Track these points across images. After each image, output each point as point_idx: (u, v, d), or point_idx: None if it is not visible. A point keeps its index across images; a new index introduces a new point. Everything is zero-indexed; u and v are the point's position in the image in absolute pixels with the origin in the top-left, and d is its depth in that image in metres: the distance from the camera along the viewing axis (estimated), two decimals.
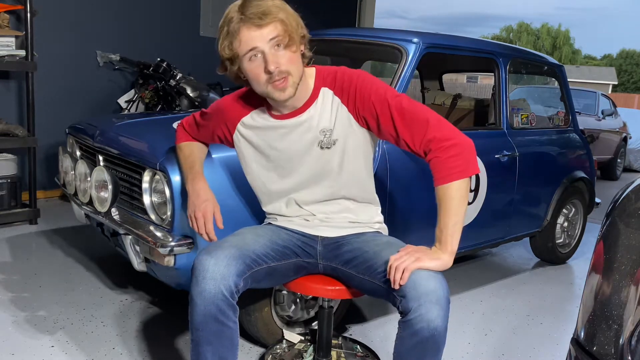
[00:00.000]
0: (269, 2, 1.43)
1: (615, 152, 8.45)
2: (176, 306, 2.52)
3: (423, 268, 1.38)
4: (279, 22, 1.41)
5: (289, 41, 1.43)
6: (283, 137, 1.58)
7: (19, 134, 3.51)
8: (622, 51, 49.37)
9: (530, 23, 50.74)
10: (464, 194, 1.43)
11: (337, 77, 1.54)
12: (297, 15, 1.49)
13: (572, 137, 3.51)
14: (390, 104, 1.47)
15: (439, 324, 1.32)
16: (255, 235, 1.60)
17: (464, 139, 1.45)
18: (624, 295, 1.11)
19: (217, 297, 1.40)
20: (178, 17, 4.87)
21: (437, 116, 1.48)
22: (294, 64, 1.46)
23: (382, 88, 1.51)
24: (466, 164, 1.43)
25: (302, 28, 1.49)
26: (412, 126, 1.46)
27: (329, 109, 1.54)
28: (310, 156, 1.57)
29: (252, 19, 1.40)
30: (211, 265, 1.42)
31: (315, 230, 1.67)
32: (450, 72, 4.11)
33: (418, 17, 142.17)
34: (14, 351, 2.04)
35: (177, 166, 1.84)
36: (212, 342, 1.44)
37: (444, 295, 1.35)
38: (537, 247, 3.53)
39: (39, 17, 3.92)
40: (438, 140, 1.44)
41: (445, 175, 1.42)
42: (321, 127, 1.54)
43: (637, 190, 1.26)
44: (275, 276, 1.61)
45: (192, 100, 4.09)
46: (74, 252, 3.11)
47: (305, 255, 1.67)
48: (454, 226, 1.42)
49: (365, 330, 2.43)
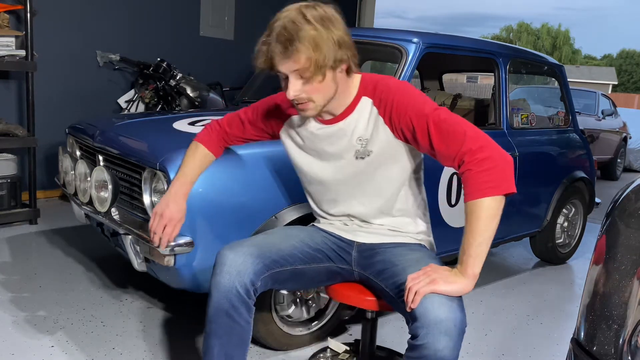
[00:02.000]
0: (305, 28, 1.33)
1: (615, 152, 8.46)
2: (176, 306, 2.52)
3: (437, 292, 1.29)
4: (303, 55, 1.34)
5: (314, 73, 1.36)
6: (321, 141, 1.56)
7: (19, 134, 3.51)
8: (622, 51, 49.37)
9: (530, 23, 50.72)
10: (493, 213, 1.31)
11: (378, 87, 1.50)
12: (338, 38, 1.36)
13: (572, 137, 3.51)
14: (428, 117, 1.41)
15: (446, 355, 1.24)
16: (283, 236, 1.60)
17: (501, 154, 1.34)
18: (624, 295, 1.11)
19: (230, 292, 1.41)
20: (178, 17, 4.87)
21: (475, 129, 1.39)
22: (318, 93, 1.41)
23: (421, 101, 1.45)
24: (500, 180, 1.32)
25: (341, 51, 1.38)
26: (449, 139, 1.38)
27: (366, 118, 1.50)
28: (345, 163, 1.55)
29: (279, 45, 1.34)
30: (229, 260, 1.44)
31: (353, 235, 1.65)
32: (450, 72, 4.11)
33: (417, 17, 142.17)
34: (14, 351, 2.04)
35: (178, 165, 1.84)
36: (221, 336, 1.44)
37: (455, 325, 1.26)
38: (537, 247, 3.53)
39: (39, 17, 3.93)
40: (472, 153, 1.34)
41: (475, 190, 1.32)
42: (357, 135, 1.51)
43: (637, 190, 1.26)
44: (303, 279, 1.60)
45: (192, 100, 4.09)
46: (74, 252, 3.11)
47: (340, 261, 1.65)
48: (478, 247, 1.31)
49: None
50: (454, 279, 1.32)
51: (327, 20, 1.36)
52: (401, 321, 2.52)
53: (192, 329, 2.31)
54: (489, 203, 1.31)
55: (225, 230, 1.91)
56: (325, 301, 2.26)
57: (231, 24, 5.26)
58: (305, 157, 1.62)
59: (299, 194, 2.07)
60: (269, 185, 2.00)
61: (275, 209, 2.01)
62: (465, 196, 1.35)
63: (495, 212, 1.32)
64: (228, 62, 5.29)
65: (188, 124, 2.34)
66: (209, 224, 1.87)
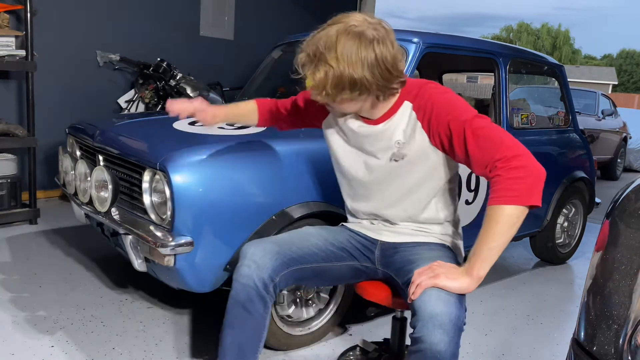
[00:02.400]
0: (337, 50, 1.34)
1: (615, 152, 8.46)
2: (176, 306, 2.52)
3: (438, 286, 1.32)
4: (318, 75, 1.36)
5: (329, 96, 1.39)
6: (361, 139, 1.58)
7: (19, 134, 3.51)
8: (622, 51, 49.38)
9: (530, 23, 50.72)
10: (513, 223, 1.30)
11: (419, 92, 1.49)
12: (359, 77, 1.35)
13: (572, 137, 3.51)
14: (466, 123, 1.39)
15: (441, 349, 1.25)
16: (306, 235, 1.62)
17: (535, 166, 1.32)
18: (624, 295, 1.11)
19: (248, 284, 1.45)
20: (178, 17, 4.87)
21: (513, 139, 1.37)
22: (338, 105, 1.45)
23: (461, 108, 1.43)
24: (527, 191, 1.29)
25: (356, 90, 1.37)
26: (485, 145, 1.36)
27: (405, 122, 1.51)
28: (380, 163, 1.56)
29: (306, 55, 1.39)
30: (249, 254, 1.48)
31: (377, 234, 1.67)
32: (450, 72, 4.11)
33: (416, 17, 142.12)
34: (14, 351, 2.04)
35: (178, 165, 1.85)
36: (235, 326, 1.47)
37: (451, 320, 1.27)
38: (537, 247, 3.53)
39: (39, 17, 3.93)
40: (506, 160, 1.32)
41: (499, 196, 1.30)
42: (396, 138, 1.52)
43: (637, 190, 1.26)
44: (326, 277, 1.63)
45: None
46: (74, 252, 3.11)
47: (364, 259, 1.66)
48: (489, 251, 1.32)
49: (365, 330, 2.43)
50: (458, 276, 1.34)
51: (355, 58, 1.34)
52: None
53: (192, 328, 2.31)
54: (510, 211, 1.30)
55: (225, 230, 1.91)
56: (325, 301, 2.26)
57: (231, 24, 5.26)
58: (345, 151, 1.63)
59: (299, 194, 2.08)
60: (269, 185, 2.00)
61: (275, 209, 2.01)
62: (489, 199, 1.34)
63: (515, 221, 1.30)
64: (228, 62, 5.29)
65: (188, 124, 2.34)
66: (209, 224, 1.87)
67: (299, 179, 2.07)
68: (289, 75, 3.38)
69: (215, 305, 2.55)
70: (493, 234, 1.31)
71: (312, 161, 2.12)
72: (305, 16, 5.92)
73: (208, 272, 1.93)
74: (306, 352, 2.19)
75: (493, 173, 1.34)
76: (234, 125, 2.32)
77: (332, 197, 2.18)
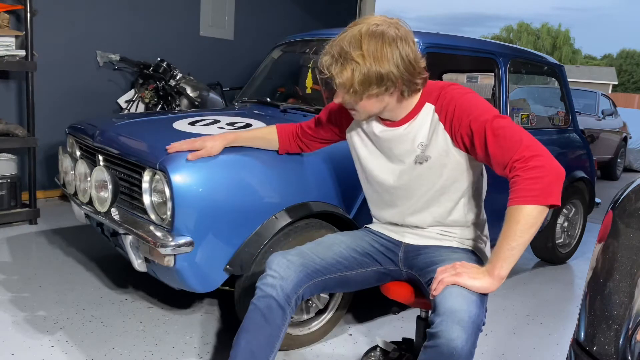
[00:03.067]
0: (354, 55, 1.38)
1: (615, 152, 8.46)
2: (176, 306, 2.52)
3: (460, 284, 1.34)
4: (344, 76, 1.40)
5: (356, 94, 1.43)
6: (383, 143, 1.59)
7: (19, 134, 3.51)
8: (622, 51, 49.36)
9: (530, 23, 50.72)
10: (532, 222, 1.31)
11: (441, 94, 1.51)
12: (386, 72, 1.39)
13: (572, 137, 3.51)
14: (487, 123, 1.40)
15: (458, 345, 1.26)
16: (329, 244, 1.64)
17: (554, 166, 1.34)
18: (624, 295, 1.11)
19: (270, 294, 1.48)
20: (178, 17, 4.87)
21: (533, 139, 1.39)
22: (360, 107, 1.48)
23: (482, 108, 1.44)
24: (545, 191, 1.31)
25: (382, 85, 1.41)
26: (505, 145, 1.37)
27: (427, 124, 1.52)
28: (405, 168, 1.57)
29: (329, 57, 1.43)
30: (274, 264, 1.52)
31: (401, 236, 1.68)
32: (451, 72, 4.11)
33: (415, 16, 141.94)
34: (14, 351, 2.04)
35: (178, 165, 1.85)
36: (250, 331, 1.48)
37: (470, 317, 1.28)
38: (537, 247, 3.53)
39: (39, 17, 3.93)
40: (524, 160, 1.34)
41: (518, 196, 1.32)
42: (418, 141, 1.53)
43: (637, 190, 1.26)
44: (351, 284, 1.65)
45: (192, 100, 4.09)
46: (74, 252, 3.11)
47: (388, 263, 1.68)
48: (510, 251, 1.33)
49: (366, 329, 2.43)
50: (479, 276, 1.35)
51: (380, 54, 1.38)
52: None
53: (192, 329, 2.31)
54: (529, 211, 1.31)
55: (225, 230, 1.91)
56: (325, 301, 2.26)
57: (231, 24, 5.26)
58: (370, 157, 1.65)
59: (299, 194, 2.08)
60: (269, 186, 2.00)
61: (275, 209, 2.01)
62: (509, 200, 1.35)
63: (534, 222, 1.31)
64: (228, 62, 5.29)
65: (188, 124, 2.34)
66: (209, 224, 1.87)
67: (299, 179, 2.07)
68: (288, 75, 3.39)
69: (216, 306, 2.56)
70: (514, 234, 1.32)
71: (313, 161, 2.12)
72: (305, 16, 5.92)
73: (208, 272, 1.93)
74: (306, 352, 2.19)
75: (512, 173, 1.35)
76: (233, 125, 2.32)
77: (333, 197, 2.18)
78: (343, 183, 2.20)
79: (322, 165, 2.14)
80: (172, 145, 1.90)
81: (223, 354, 2.12)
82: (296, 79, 3.11)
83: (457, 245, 1.63)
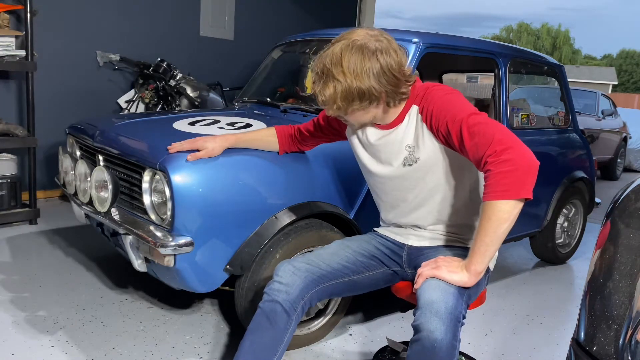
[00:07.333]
0: (336, 73, 1.41)
1: (615, 152, 8.45)
2: (176, 306, 2.52)
3: (438, 277, 1.38)
4: (327, 92, 1.43)
5: (340, 109, 1.46)
6: (375, 145, 1.61)
7: (19, 134, 3.51)
8: (622, 51, 49.37)
9: (530, 23, 50.71)
10: (505, 217, 1.31)
11: (425, 95, 1.53)
12: (367, 88, 1.42)
13: (572, 137, 3.51)
14: (462, 121, 1.40)
15: (438, 337, 1.29)
16: (336, 250, 1.66)
17: (525, 158, 1.30)
18: (624, 295, 1.11)
19: (276, 299, 1.50)
20: (178, 17, 4.87)
21: (506, 132, 1.36)
22: (349, 117, 1.51)
23: (459, 107, 1.44)
24: (516, 185, 1.29)
25: (364, 100, 1.44)
26: (479, 141, 1.36)
27: (413, 126, 1.54)
28: (394, 170, 1.59)
29: (316, 74, 1.47)
30: (281, 271, 1.54)
31: (404, 238, 1.70)
32: (450, 72, 4.11)
33: (414, 16, 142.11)
34: (14, 351, 2.04)
35: (178, 165, 1.85)
36: (255, 332, 1.51)
37: (447, 309, 1.31)
38: (537, 247, 3.53)
39: (39, 17, 3.93)
40: (496, 154, 1.32)
41: (490, 191, 1.32)
42: (406, 143, 1.55)
43: (637, 190, 1.26)
44: (359, 287, 1.68)
45: (192, 100, 4.09)
46: (74, 252, 3.11)
47: (393, 264, 1.70)
48: (485, 247, 1.35)
49: (366, 329, 2.43)
50: (457, 270, 1.39)
51: (360, 69, 1.40)
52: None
53: (192, 329, 2.31)
54: (501, 206, 1.31)
55: (225, 230, 1.91)
56: (324, 302, 2.26)
57: (231, 24, 5.26)
58: (369, 158, 1.67)
59: (299, 194, 2.08)
60: (268, 186, 2.00)
61: (275, 209, 2.01)
62: (483, 195, 1.35)
63: (507, 216, 1.32)
64: (228, 62, 5.29)
65: (188, 124, 2.34)
66: (209, 224, 1.88)
67: (299, 179, 2.07)
68: (288, 75, 3.39)
69: (216, 306, 2.56)
70: (487, 230, 1.34)
71: (313, 161, 2.12)
72: (305, 16, 5.92)
73: (208, 272, 1.93)
74: (306, 352, 2.19)
75: (485, 168, 1.35)
76: (234, 125, 2.32)
77: (333, 197, 2.18)
78: (343, 183, 2.21)
79: (322, 165, 2.14)
80: (173, 145, 1.91)
81: (223, 354, 2.13)
82: (296, 79, 3.11)
83: (458, 245, 1.65)
